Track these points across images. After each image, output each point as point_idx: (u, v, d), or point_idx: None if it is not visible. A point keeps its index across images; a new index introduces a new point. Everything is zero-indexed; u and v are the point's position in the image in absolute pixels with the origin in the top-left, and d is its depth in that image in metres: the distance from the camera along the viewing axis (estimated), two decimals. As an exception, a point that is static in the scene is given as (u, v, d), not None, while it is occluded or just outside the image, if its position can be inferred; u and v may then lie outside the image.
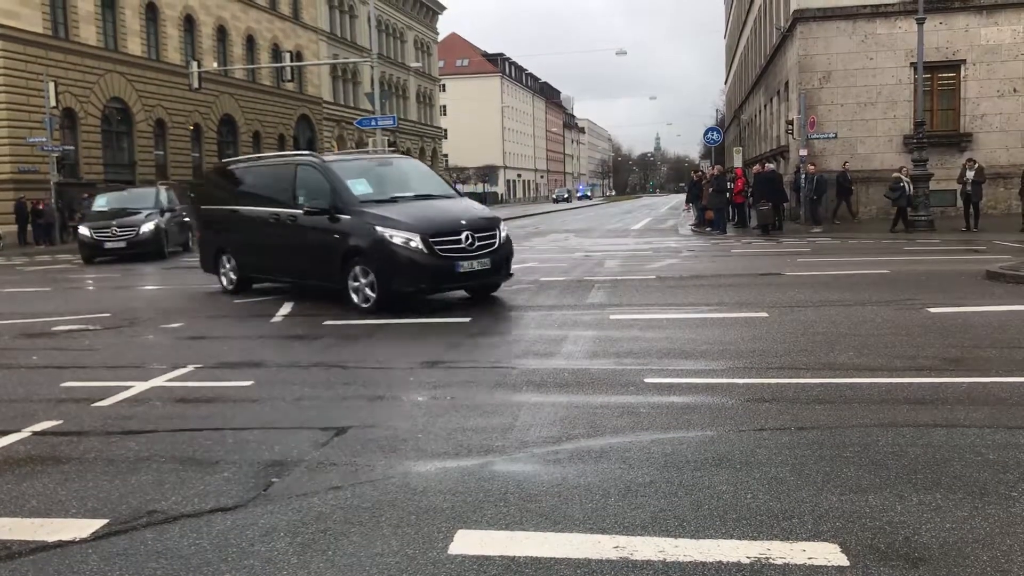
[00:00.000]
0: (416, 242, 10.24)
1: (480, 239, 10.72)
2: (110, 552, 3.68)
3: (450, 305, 11.32)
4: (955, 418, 5.32)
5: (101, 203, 24.15)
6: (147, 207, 23.26)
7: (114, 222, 22.19)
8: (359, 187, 11.31)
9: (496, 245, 10.99)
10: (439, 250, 10.31)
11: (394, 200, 11.18)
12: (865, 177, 27.88)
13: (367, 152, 16.27)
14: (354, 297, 10.67)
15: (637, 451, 4.82)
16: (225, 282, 13.51)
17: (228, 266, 13.36)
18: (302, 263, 11.71)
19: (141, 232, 22.19)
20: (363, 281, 10.61)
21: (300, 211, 11.51)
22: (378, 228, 10.40)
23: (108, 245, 21.98)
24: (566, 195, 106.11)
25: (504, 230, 11.31)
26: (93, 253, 22.24)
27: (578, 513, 3.92)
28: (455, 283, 10.81)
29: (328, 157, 12.92)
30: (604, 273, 15.06)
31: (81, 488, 4.52)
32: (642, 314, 10.05)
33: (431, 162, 75.57)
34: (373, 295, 10.49)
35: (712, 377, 6.69)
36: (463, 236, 10.51)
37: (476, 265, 10.62)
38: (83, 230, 22.69)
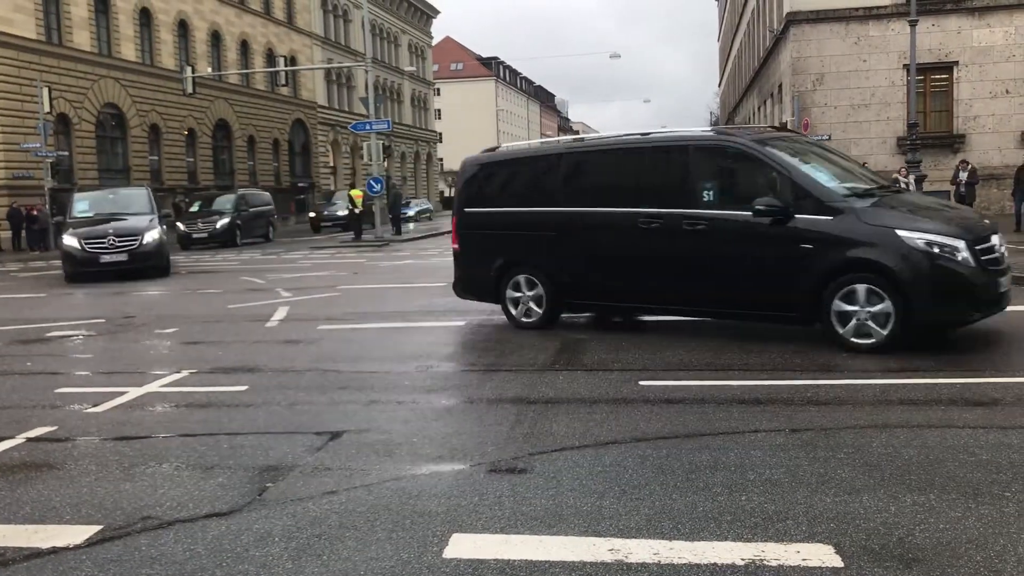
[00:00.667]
0: (963, 252, 7.25)
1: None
2: (104, 558, 3.67)
3: (447, 310, 11.32)
4: (949, 419, 5.33)
5: (83, 207, 20.24)
6: (142, 211, 19.94)
7: (110, 230, 18.60)
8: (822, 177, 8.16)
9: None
10: (984, 261, 7.39)
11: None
12: (859, 179, 27.95)
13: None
14: (839, 330, 7.44)
15: (632, 454, 4.82)
16: (520, 312, 9.42)
17: (529, 291, 9.35)
18: (719, 283, 8.17)
19: (145, 242, 18.64)
20: (866, 309, 7.33)
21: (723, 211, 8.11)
22: (901, 233, 7.31)
23: (105, 258, 18.26)
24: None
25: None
26: (82, 268, 18.37)
27: (573, 516, 3.92)
28: (996, 308, 7.69)
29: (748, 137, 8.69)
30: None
31: (75, 494, 4.51)
32: (641, 316, 10.04)
33: (426, 166, 75.65)
34: (882, 329, 7.30)
35: (707, 379, 6.70)
36: (994, 242, 7.65)
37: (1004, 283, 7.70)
38: (70, 240, 18.62)
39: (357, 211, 31.51)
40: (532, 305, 9.31)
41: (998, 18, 27.06)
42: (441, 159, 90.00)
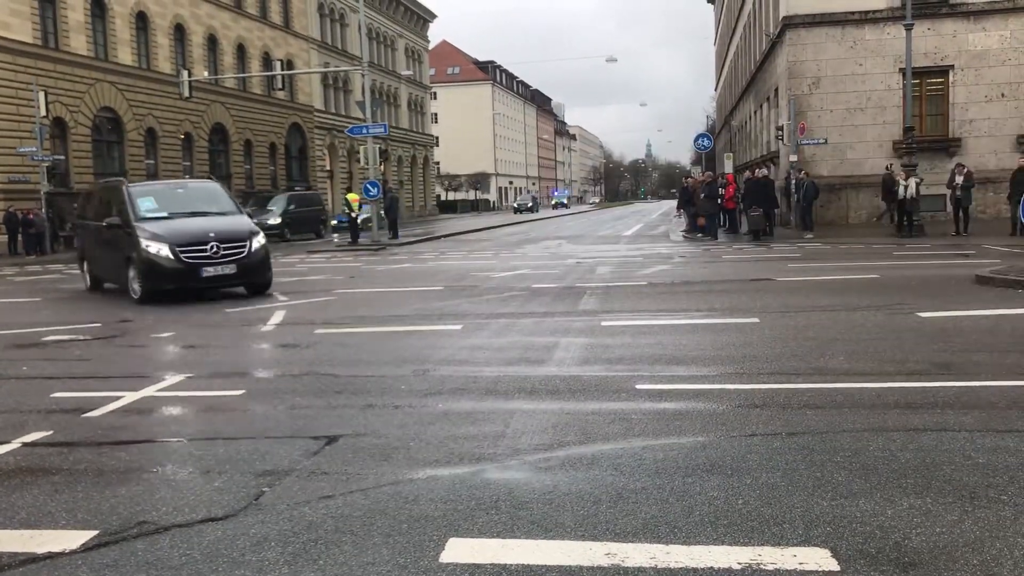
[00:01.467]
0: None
1: None
2: (100, 563, 3.66)
3: (443, 314, 11.32)
4: (945, 422, 5.33)
5: (149, 205, 14.79)
6: (229, 210, 15.45)
7: (212, 234, 14.00)
8: None
9: None
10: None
11: None
12: (855, 183, 28.00)
13: None
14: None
15: (628, 458, 4.82)
16: None
17: None
18: None
19: (253, 249, 14.38)
20: None
21: None
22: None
23: (208, 271, 13.84)
24: (529, 204, 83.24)
25: None
26: (175, 283, 13.90)
27: (569, 520, 3.92)
28: None
29: None
30: (596, 279, 15.08)
31: (71, 499, 4.50)
32: (634, 320, 10.06)
33: (422, 170, 75.65)
34: None
35: (703, 383, 6.70)
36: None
37: None
38: (155, 247, 13.67)
39: (354, 215, 31.51)
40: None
41: (993, 22, 27.16)
42: (438, 163, 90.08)
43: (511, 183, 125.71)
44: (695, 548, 3.57)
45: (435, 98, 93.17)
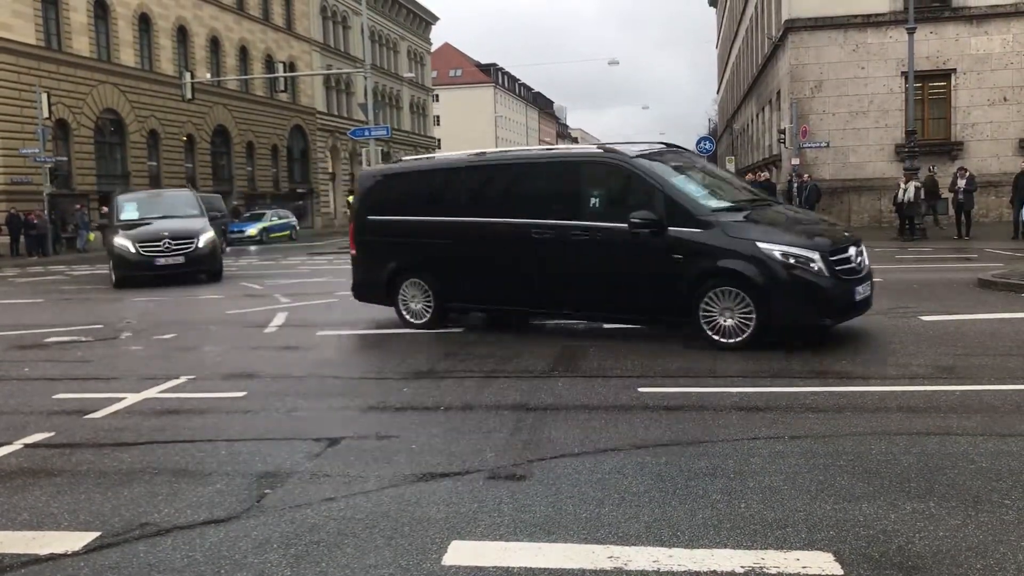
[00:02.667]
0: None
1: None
2: (102, 565, 3.66)
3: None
4: (948, 426, 5.33)
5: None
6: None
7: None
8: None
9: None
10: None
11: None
12: (857, 186, 28.00)
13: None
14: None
15: (631, 461, 4.82)
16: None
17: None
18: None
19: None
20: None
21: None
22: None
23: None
24: None
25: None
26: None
27: (572, 523, 3.92)
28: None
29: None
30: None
31: (73, 501, 4.50)
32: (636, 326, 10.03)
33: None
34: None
35: (706, 386, 6.69)
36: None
37: None
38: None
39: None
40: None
41: (995, 26, 27.15)
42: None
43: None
44: (698, 551, 3.56)
45: (437, 100, 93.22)
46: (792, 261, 7.89)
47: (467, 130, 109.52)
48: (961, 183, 22.57)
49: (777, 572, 3.35)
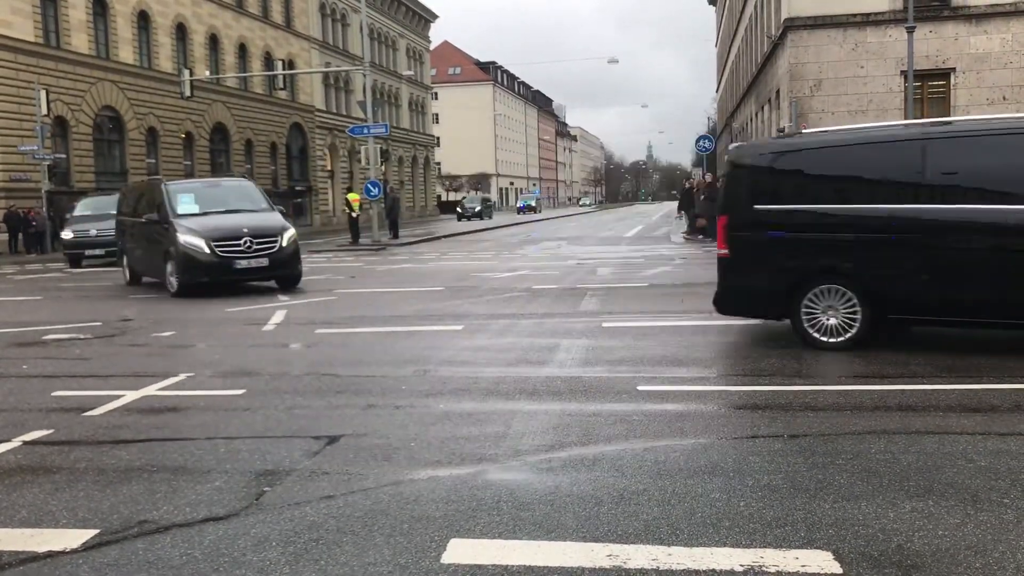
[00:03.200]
0: None
1: None
2: (101, 563, 3.66)
3: (444, 314, 11.32)
4: (947, 425, 5.33)
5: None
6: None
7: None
8: None
9: None
10: None
11: None
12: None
13: None
14: None
15: (630, 459, 4.82)
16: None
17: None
18: None
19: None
20: None
21: None
22: None
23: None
24: (476, 208, 62.75)
25: None
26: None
27: (571, 521, 3.92)
28: None
29: None
30: (597, 281, 15.07)
31: (72, 498, 4.50)
32: (635, 322, 10.06)
33: (423, 170, 75.66)
34: None
35: (705, 384, 6.70)
36: None
37: None
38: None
39: (355, 215, 31.52)
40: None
41: (995, 25, 27.15)
42: (439, 163, 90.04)
43: (512, 184, 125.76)
44: (697, 550, 3.56)
45: (436, 98, 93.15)
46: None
47: (466, 128, 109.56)
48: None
49: (776, 571, 3.35)
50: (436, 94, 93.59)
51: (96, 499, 4.46)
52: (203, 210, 15.41)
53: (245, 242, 14.56)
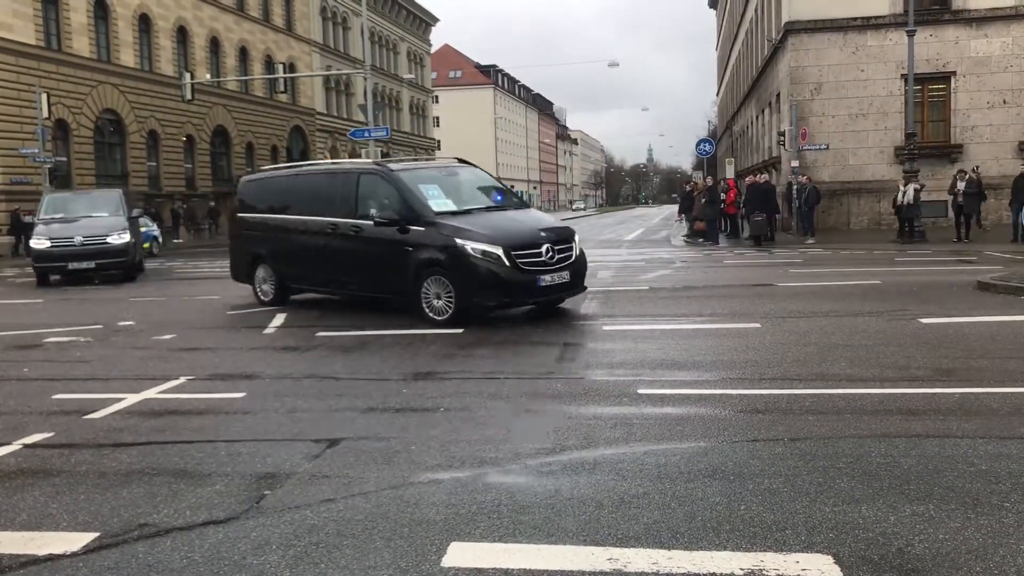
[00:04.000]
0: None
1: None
2: (101, 566, 3.66)
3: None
4: (947, 429, 5.33)
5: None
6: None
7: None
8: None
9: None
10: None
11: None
12: (856, 188, 28.01)
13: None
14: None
15: (630, 462, 4.82)
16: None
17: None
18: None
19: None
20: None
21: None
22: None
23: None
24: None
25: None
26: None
27: (572, 525, 3.92)
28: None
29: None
30: (596, 284, 15.05)
31: (72, 501, 4.50)
32: (635, 325, 10.06)
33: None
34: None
35: (705, 388, 6.70)
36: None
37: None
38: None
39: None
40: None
41: (995, 28, 27.17)
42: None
43: (512, 187, 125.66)
44: (697, 553, 3.56)
45: (437, 101, 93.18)
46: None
47: (467, 131, 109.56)
48: (961, 186, 22.58)
49: (777, 574, 3.35)
50: (437, 97, 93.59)
51: (96, 502, 4.46)
52: (460, 207, 11.34)
53: (547, 250, 10.64)
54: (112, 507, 4.38)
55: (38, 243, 19.25)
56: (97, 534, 4.01)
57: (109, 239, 19.28)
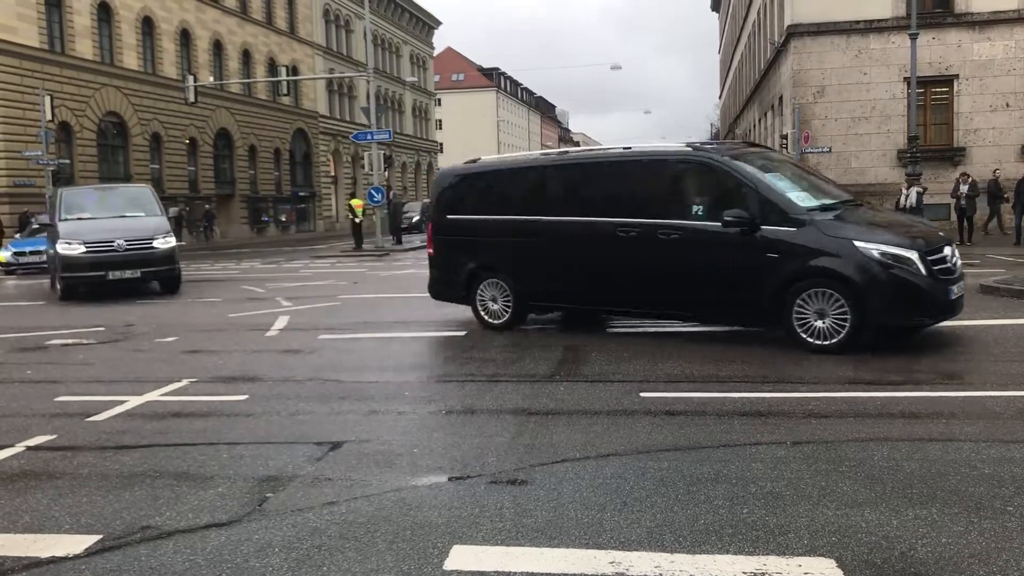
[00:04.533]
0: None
1: None
2: (104, 568, 3.66)
3: (448, 320, 11.31)
4: (950, 432, 5.32)
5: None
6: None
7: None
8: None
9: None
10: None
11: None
12: (859, 191, 27.97)
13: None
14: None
15: (633, 466, 4.81)
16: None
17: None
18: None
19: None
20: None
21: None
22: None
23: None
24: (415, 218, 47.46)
25: None
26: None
27: (574, 528, 3.91)
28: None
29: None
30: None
31: (75, 503, 4.50)
32: (638, 327, 10.04)
33: (426, 176, 75.73)
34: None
35: (708, 391, 6.69)
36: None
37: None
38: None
39: (358, 220, 31.55)
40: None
41: (998, 32, 27.13)
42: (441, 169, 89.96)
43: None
44: (700, 557, 3.56)
45: (439, 104, 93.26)
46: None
47: (469, 134, 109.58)
48: (963, 189, 22.55)
49: (779, 578, 3.35)
50: (439, 100, 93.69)
51: (99, 505, 4.47)
52: (820, 201, 9.02)
53: (950, 254, 8.59)
54: (115, 509, 4.38)
55: (68, 248, 15.43)
56: (100, 536, 4.01)
57: (155, 243, 15.99)
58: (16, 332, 11.55)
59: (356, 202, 32.72)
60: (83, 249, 15.41)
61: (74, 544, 3.92)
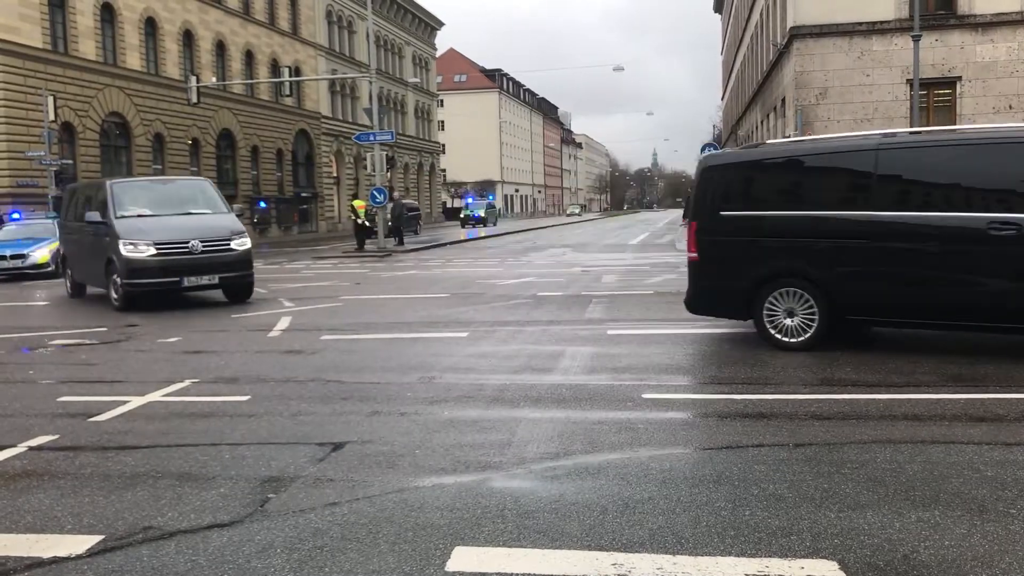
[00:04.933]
0: None
1: None
2: (106, 568, 3.66)
3: (449, 321, 11.31)
4: (953, 434, 5.31)
5: None
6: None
7: None
8: None
9: None
10: None
11: None
12: (862, 193, 27.98)
13: None
14: None
15: (635, 467, 4.81)
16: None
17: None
18: None
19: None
20: None
21: None
22: None
23: None
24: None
25: None
26: None
27: (576, 530, 3.91)
28: None
29: None
30: (602, 288, 15.06)
31: (77, 504, 4.50)
32: (640, 329, 10.05)
33: (428, 177, 75.78)
34: None
35: (710, 393, 6.69)
36: None
37: None
38: None
39: (360, 221, 31.57)
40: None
41: (1001, 34, 27.12)
42: (444, 170, 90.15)
43: (517, 191, 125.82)
44: (702, 559, 3.55)
45: (442, 105, 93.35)
46: None
47: (472, 135, 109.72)
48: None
49: (782, 580, 3.34)
50: (442, 101, 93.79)
51: (101, 505, 4.47)
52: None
53: None
54: (116, 510, 4.38)
55: (134, 250, 13.31)
56: (102, 537, 4.01)
57: (233, 244, 14.01)
58: (19, 332, 11.56)
59: (358, 203, 32.76)
60: (153, 251, 13.35)
61: (76, 544, 3.92)
